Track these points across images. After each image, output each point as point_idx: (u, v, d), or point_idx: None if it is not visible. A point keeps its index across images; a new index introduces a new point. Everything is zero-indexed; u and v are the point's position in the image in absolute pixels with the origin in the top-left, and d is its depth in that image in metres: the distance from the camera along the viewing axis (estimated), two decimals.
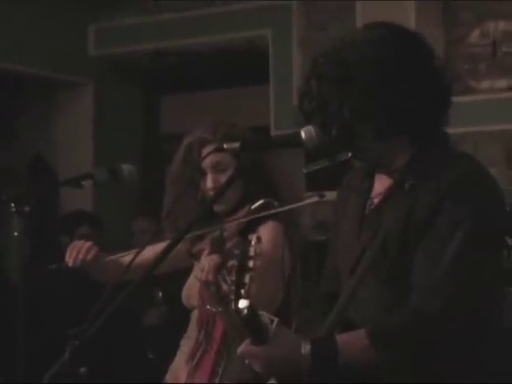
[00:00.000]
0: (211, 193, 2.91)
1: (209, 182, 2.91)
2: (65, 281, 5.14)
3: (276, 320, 1.92)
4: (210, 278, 2.61)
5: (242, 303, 1.85)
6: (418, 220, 1.94)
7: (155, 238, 2.94)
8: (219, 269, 2.58)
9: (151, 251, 2.67)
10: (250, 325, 1.88)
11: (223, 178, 2.89)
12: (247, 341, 1.92)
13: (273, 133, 5.72)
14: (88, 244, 2.98)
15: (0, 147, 6.48)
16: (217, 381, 2.82)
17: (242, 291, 1.89)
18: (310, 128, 2.32)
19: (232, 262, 2.49)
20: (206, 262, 2.62)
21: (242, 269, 1.92)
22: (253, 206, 2.81)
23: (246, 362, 1.94)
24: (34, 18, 6.07)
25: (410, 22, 5.25)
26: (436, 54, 2.06)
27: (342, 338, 1.91)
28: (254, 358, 1.92)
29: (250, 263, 1.94)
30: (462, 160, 2.03)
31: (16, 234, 2.88)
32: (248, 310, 1.85)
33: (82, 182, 3.01)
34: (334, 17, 5.73)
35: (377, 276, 1.99)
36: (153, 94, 6.96)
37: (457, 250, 1.90)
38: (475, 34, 5.40)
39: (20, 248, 2.93)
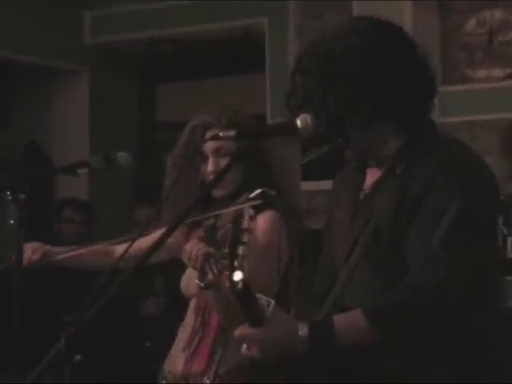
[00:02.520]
0: (211, 177, 2.92)
1: (210, 166, 2.91)
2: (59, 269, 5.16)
3: (273, 302, 1.92)
4: (197, 266, 2.64)
5: (237, 275, 1.84)
6: (408, 202, 1.95)
7: (153, 225, 2.93)
8: (207, 258, 2.60)
9: (150, 239, 2.68)
10: (246, 303, 1.87)
11: (224, 163, 2.88)
12: (244, 325, 1.92)
13: (269, 121, 5.72)
14: (35, 244, 3.02)
15: None
16: (214, 368, 2.83)
17: (236, 263, 1.88)
18: (306, 116, 2.33)
19: (223, 251, 2.52)
20: (193, 249, 2.64)
21: (236, 242, 1.91)
22: (250, 195, 2.82)
23: (244, 345, 1.93)
24: (29, 5, 6.06)
25: (407, 10, 5.27)
26: (419, 45, 2.11)
27: (338, 319, 1.92)
28: (251, 341, 1.92)
29: (244, 237, 1.93)
30: (452, 143, 2.05)
31: (11, 222, 2.88)
32: (243, 284, 1.83)
33: (78, 170, 3.00)
34: (330, 5, 5.73)
35: (370, 263, 2.00)
36: (148, 82, 6.96)
37: (448, 227, 1.91)
38: (471, 23, 5.41)
39: (16, 236, 2.93)
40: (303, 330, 1.89)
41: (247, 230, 1.94)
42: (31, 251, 3.01)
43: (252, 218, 1.97)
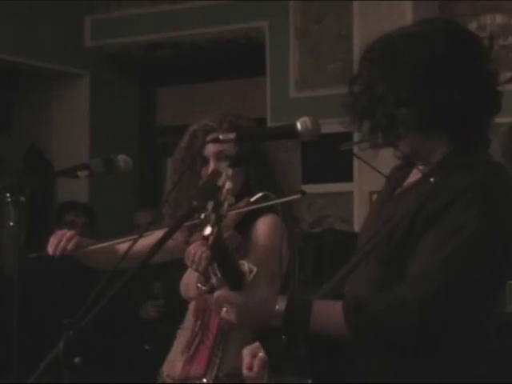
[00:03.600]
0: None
1: (210, 169, 2.88)
2: (58, 269, 5.16)
3: (255, 270, 1.93)
4: (200, 269, 2.63)
5: (207, 230, 1.84)
6: (427, 212, 1.94)
7: (153, 226, 2.93)
8: (210, 262, 2.59)
9: (150, 239, 2.67)
10: (221, 260, 1.91)
11: (223, 165, 2.87)
12: (226, 287, 1.94)
13: (269, 125, 5.72)
14: (70, 233, 3.00)
15: None
16: (214, 371, 2.83)
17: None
18: (306, 119, 2.34)
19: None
20: (197, 252, 2.64)
21: (216, 204, 1.87)
22: (252, 199, 2.82)
23: (223, 309, 1.94)
24: (29, 8, 6.06)
25: (407, 12, 5.26)
26: (491, 58, 2.07)
27: (318, 305, 1.91)
28: (229, 303, 1.92)
29: (221, 196, 1.91)
30: (490, 165, 2.03)
31: (11, 223, 2.89)
32: (214, 239, 1.83)
33: (78, 173, 3.01)
34: (330, 8, 5.73)
35: (378, 257, 2.00)
36: (148, 86, 6.95)
37: (455, 248, 1.89)
38: (472, 27, 5.39)
39: (15, 237, 2.93)
40: (281, 304, 1.89)
41: (223, 190, 1.90)
42: (66, 240, 2.96)
43: (229, 178, 1.95)
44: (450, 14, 5.43)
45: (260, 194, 2.82)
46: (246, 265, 1.93)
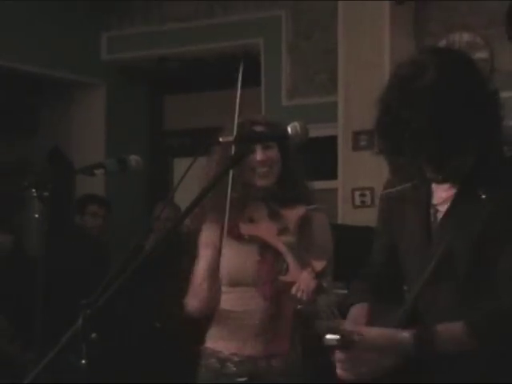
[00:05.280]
0: (260, 165, 2.82)
1: (258, 155, 2.82)
2: (77, 255, 5.16)
3: (356, 329, 1.82)
4: (306, 298, 2.59)
5: (331, 340, 1.76)
6: (496, 232, 1.84)
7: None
8: (316, 292, 2.57)
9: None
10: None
11: (270, 153, 2.83)
12: (339, 352, 1.81)
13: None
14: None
15: (22, 139, 6.48)
16: (298, 347, 2.83)
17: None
18: (296, 124, 2.33)
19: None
20: (304, 283, 2.60)
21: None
22: (307, 208, 2.81)
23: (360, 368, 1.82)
24: (53, 25, 6.06)
25: (385, 35, 5.26)
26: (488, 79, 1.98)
27: (440, 329, 1.81)
28: (363, 360, 1.81)
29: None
30: None
31: (36, 215, 2.88)
32: (339, 341, 1.76)
33: (95, 171, 3.00)
34: (317, 26, 5.74)
35: (448, 284, 1.89)
36: (157, 94, 6.95)
37: None
38: (442, 44, 5.40)
39: (39, 228, 2.93)
40: (405, 338, 1.79)
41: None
42: None
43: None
44: (423, 32, 5.43)
45: (314, 206, 2.83)
46: (345, 327, 1.87)
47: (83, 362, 1.82)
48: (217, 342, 2.85)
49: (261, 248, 2.79)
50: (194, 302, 2.85)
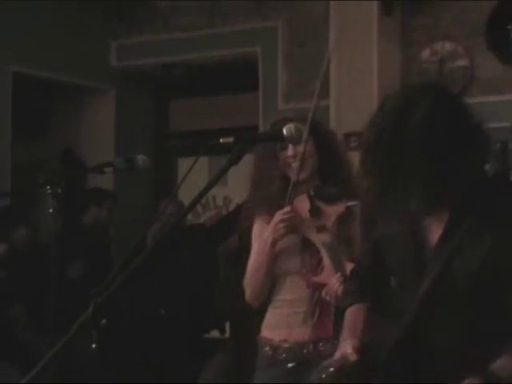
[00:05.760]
0: (291, 160, 2.80)
1: (289, 151, 2.81)
2: (85, 246, 5.18)
3: None
4: (333, 302, 2.61)
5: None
6: (497, 261, 1.79)
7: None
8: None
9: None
10: None
11: (300, 148, 2.77)
12: None
13: (261, 130, 5.71)
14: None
15: (37, 141, 6.47)
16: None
17: None
18: (291, 126, 2.32)
19: None
20: (331, 288, 2.62)
21: None
22: (348, 204, 2.75)
23: None
24: (67, 35, 6.05)
25: (374, 44, 5.27)
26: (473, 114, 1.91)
27: (499, 366, 1.73)
28: None
29: None
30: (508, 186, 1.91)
31: (50, 210, 2.88)
32: None
33: (104, 169, 3.00)
34: (311, 35, 5.74)
35: (447, 303, 1.82)
36: (162, 99, 6.94)
37: None
38: (426, 53, 5.41)
39: (53, 222, 2.93)
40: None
41: None
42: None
43: None
44: (409, 42, 5.44)
45: (353, 202, 2.75)
46: None
47: (93, 346, 1.82)
48: (269, 330, 2.84)
49: (304, 239, 2.76)
50: (248, 291, 2.84)
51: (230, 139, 2.26)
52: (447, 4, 5.30)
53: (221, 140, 2.32)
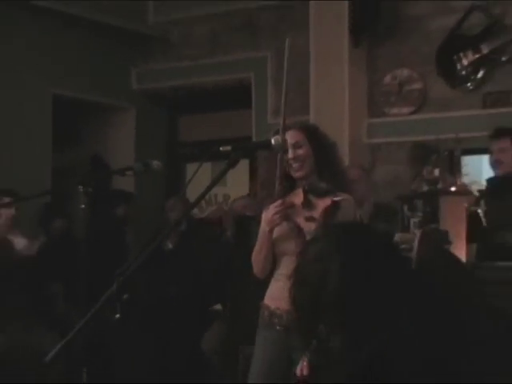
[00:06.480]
0: (292, 161, 2.78)
1: (290, 154, 2.79)
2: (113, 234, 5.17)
3: None
4: None
5: None
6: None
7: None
8: None
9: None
10: None
11: (299, 151, 2.78)
12: None
13: (254, 140, 5.71)
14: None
15: (71, 149, 6.45)
16: None
17: None
18: (278, 137, 2.32)
19: None
20: None
21: None
22: (334, 199, 2.73)
23: None
24: (96, 63, 6.04)
25: (345, 70, 5.28)
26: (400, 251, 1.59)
27: None
28: None
29: None
30: None
31: (82, 206, 2.87)
32: None
33: (126, 172, 2.99)
34: (295, 65, 5.72)
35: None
36: (174, 115, 6.93)
37: None
38: (387, 78, 5.42)
39: (84, 215, 2.92)
40: None
41: None
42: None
43: None
44: (374, 68, 5.44)
45: (341, 197, 2.72)
46: None
47: (117, 316, 1.82)
48: (269, 298, 2.84)
49: (297, 226, 2.76)
50: (254, 267, 2.85)
51: (228, 147, 2.26)
52: (405, 38, 5.31)
53: (221, 148, 2.31)
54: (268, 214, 2.73)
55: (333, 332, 1.44)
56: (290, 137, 2.74)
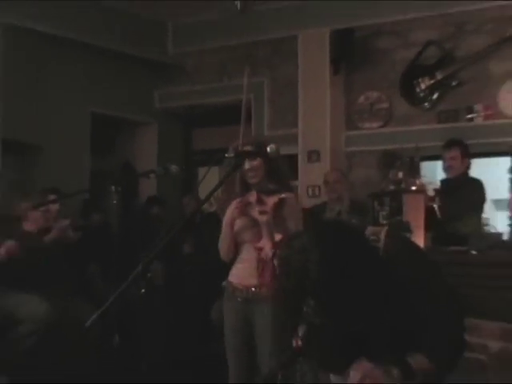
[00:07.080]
0: (248, 171, 2.78)
1: (246, 165, 2.80)
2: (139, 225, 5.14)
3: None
4: (267, 257, 2.62)
5: None
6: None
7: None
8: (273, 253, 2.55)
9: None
10: None
11: (254, 163, 2.78)
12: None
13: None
14: None
15: (105, 156, 6.45)
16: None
17: None
18: (272, 145, 2.32)
19: None
20: (264, 249, 2.63)
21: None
22: (280, 196, 2.75)
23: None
24: (125, 86, 6.03)
25: (327, 92, 5.29)
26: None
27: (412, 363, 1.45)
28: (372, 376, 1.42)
29: None
30: None
31: (114, 202, 2.87)
32: None
33: (149, 175, 2.99)
34: (286, 88, 5.73)
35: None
36: (189, 128, 6.92)
37: None
38: (361, 98, 5.43)
39: (116, 211, 2.91)
40: (394, 373, 1.42)
41: None
42: None
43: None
44: (350, 90, 5.44)
45: (284, 195, 2.73)
46: None
47: (142, 291, 1.82)
48: (233, 277, 2.88)
49: (254, 220, 2.79)
50: (221, 252, 2.88)
51: (232, 154, 2.26)
52: (375, 66, 5.33)
53: (226, 155, 2.31)
54: (230, 210, 2.79)
55: (315, 312, 1.41)
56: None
